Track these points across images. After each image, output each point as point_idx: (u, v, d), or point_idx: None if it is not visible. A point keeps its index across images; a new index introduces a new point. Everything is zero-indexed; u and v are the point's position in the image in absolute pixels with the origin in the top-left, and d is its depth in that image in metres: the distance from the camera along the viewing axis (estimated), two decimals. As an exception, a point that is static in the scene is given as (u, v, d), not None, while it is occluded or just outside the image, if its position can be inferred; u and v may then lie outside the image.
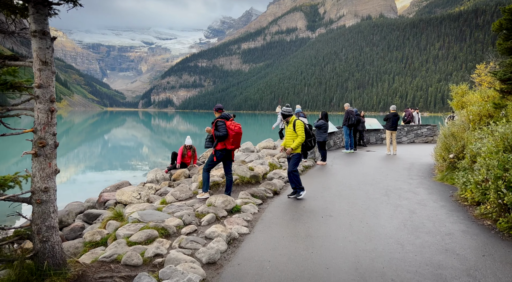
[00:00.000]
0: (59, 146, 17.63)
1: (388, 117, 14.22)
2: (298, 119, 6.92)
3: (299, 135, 6.70)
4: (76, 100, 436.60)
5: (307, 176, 9.37)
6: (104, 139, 35.33)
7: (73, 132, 44.58)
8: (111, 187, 8.48)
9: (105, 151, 25.51)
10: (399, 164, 11.30)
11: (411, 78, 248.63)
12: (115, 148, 28.17)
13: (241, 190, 7.71)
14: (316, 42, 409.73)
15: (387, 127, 14.27)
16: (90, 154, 23.60)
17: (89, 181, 14.74)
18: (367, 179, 8.88)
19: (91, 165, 19.54)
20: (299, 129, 6.69)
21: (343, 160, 12.50)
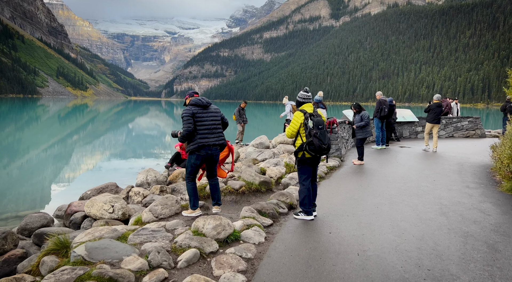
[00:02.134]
0: (85, 134, 15.63)
1: (431, 109, 12.23)
2: (317, 109, 5.10)
3: (287, 130, 5.00)
4: (101, 90, 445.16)
5: (332, 181, 7.55)
6: (128, 128, 35.32)
7: (98, 120, 44.94)
8: (91, 191, 6.95)
9: (129, 139, 25.38)
10: (445, 165, 9.28)
11: (439, 67, 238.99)
12: (139, 136, 27.85)
13: (247, 200, 5.98)
14: (340, 30, 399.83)
15: (429, 120, 12.26)
16: (115, 142, 23.60)
17: (114, 168, 14.13)
18: (409, 186, 6.97)
19: (115, 152, 19.06)
20: (292, 122, 4.95)
21: (374, 158, 10.56)
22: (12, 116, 43.76)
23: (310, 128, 4.77)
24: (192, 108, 4.86)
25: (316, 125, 4.78)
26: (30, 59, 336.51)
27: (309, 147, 4.76)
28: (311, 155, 4.82)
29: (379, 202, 5.85)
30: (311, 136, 4.75)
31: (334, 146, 10.03)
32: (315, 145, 4.70)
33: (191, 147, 4.74)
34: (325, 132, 4.84)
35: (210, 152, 4.86)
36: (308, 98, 5.09)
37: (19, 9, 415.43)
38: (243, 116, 13.82)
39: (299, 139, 4.94)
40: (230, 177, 6.66)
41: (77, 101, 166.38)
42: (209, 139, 4.85)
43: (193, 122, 4.72)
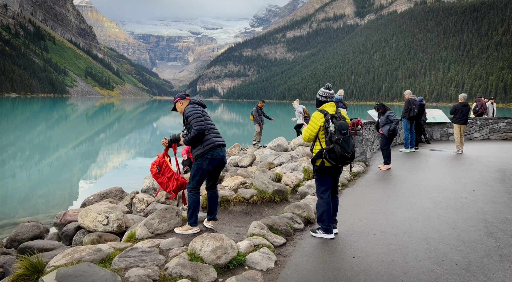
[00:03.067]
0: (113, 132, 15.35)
1: (457, 109, 11.52)
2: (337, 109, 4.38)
3: (303, 132, 4.27)
4: (127, 89, 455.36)
5: (356, 190, 6.77)
6: (153, 127, 35.73)
7: (124, 119, 45.95)
8: (94, 196, 6.47)
9: (154, 137, 25.58)
10: (484, 171, 8.30)
11: (469, 66, 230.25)
12: (164, 135, 28.06)
13: (259, 211, 5.31)
14: (364, 29, 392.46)
15: (455, 121, 11.51)
16: (140, 140, 23.82)
17: (139, 166, 13.95)
18: (445, 197, 6.10)
19: (137, 152, 19.16)
20: (310, 124, 4.22)
21: (403, 162, 9.66)
22: (43, 115, 45.26)
23: (331, 133, 4.04)
24: (198, 107, 4.29)
25: (339, 129, 4.04)
26: (60, 60, 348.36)
27: (329, 154, 4.03)
28: (331, 164, 4.10)
29: (411, 217, 5.05)
30: (332, 142, 4.01)
31: (358, 149, 9.21)
32: (337, 152, 3.97)
33: (206, 147, 4.10)
34: (350, 138, 4.10)
35: (222, 154, 4.26)
36: (330, 96, 4.36)
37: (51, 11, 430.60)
38: (261, 116, 13.16)
39: (317, 145, 4.22)
40: (242, 183, 6.02)
41: (104, 100, 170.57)
42: (220, 138, 4.30)
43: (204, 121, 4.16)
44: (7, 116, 40.84)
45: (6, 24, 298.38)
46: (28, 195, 9.57)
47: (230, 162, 9.74)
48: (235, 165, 9.60)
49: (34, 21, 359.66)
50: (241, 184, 6.04)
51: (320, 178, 4.25)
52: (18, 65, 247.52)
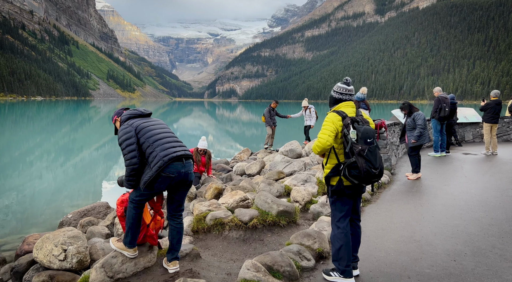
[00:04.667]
0: None
1: (488, 107, 10.52)
2: (357, 110, 3.30)
3: (318, 138, 3.14)
4: (148, 91, 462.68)
5: (381, 206, 5.64)
6: (173, 128, 35.92)
7: None
8: (74, 214, 5.56)
9: None
10: (533, 182, 7.01)
11: (495, 62, 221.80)
12: (183, 136, 28.03)
13: (260, 238, 4.28)
14: (385, 26, 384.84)
15: (486, 120, 10.63)
16: None
17: None
18: (496, 218, 4.91)
19: None
20: (324, 130, 3.13)
21: (434, 170, 8.42)
22: (68, 117, 46.13)
23: (352, 143, 2.99)
24: (130, 122, 3.23)
25: (363, 137, 2.98)
26: (83, 63, 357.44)
27: (350, 171, 2.99)
28: (352, 183, 3.05)
29: (456, 250, 3.91)
30: (354, 154, 2.97)
31: (382, 155, 8.05)
32: (361, 168, 2.92)
33: (155, 168, 3.02)
34: (376, 149, 3.04)
35: (184, 170, 3.19)
36: (348, 93, 3.28)
37: (74, 16, 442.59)
38: (273, 118, 12.11)
39: (332, 158, 3.17)
40: (242, 200, 5.01)
41: (126, 102, 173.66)
42: (176, 148, 3.19)
43: (137, 146, 3.11)
44: (33, 119, 41.71)
45: (32, 30, 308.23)
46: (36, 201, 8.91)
47: (236, 169, 8.75)
48: (242, 173, 8.60)
49: (58, 26, 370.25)
50: (242, 201, 5.03)
51: (338, 201, 3.20)
52: (44, 69, 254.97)
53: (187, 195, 6.09)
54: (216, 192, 5.94)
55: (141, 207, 3.22)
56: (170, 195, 3.32)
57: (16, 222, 7.35)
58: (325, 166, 3.24)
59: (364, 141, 2.97)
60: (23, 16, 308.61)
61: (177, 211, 3.35)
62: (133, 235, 3.24)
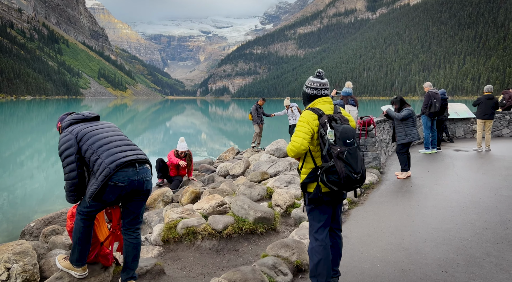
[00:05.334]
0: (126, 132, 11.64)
1: (480, 102, 10.31)
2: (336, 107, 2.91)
3: (292, 141, 2.74)
4: (139, 90, 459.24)
5: (368, 209, 5.30)
6: (166, 127, 35.72)
7: (137, 119, 45.96)
8: (37, 222, 5.10)
9: (167, 137, 25.49)
10: (527, 179, 6.74)
11: (485, 58, 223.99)
12: (176, 134, 27.87)
13: (235, 249, 3.91)
14: (376, 23, 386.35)
15: (478, 115, 10.42)
16: (154, 140, 23.72)
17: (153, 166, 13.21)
18: (490, 221, 4.60)
19: (153, 150, 18.86)
20: (298, 130, 2.74)
21: (425, 168, 8.13)
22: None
23: (330, 144, 2.62)
24: (70, 129, 2.83)
25: (342, 138, 2.61)
26: (74, 62, 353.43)
27: (328, 176, 2.61)
28: (331, 190, 2.69)
29: (448, 259, 3.57)
30: (333, 157, 2.60)
31: (371, 153, 7.72)
32: (340, 173, 2.55)
33: (101, 178, 2.64)
34: (357, 150, 2.67)
35: (138, 178, 2.79)
36: (323, 87, 2.89)
37: (64, 14, 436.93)
38: (260, 116, 11.74)
39: (308, 162, 2.80)
40: (219, 205, 4.63)
41: (117, 101, 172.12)
42: (126, 153, 2.80)
43: (78, 157, 2.72)
44: (23, 119, 40.89)
45: (21, 28, 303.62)
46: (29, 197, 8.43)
47: (220, 170, 8.36)
48: (226, 174, 8.21)
49: (48, 24, 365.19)
50: (218, 206, 4.65)
51: (315, 210, 2.82)
52: (33, 68, 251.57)
53: (162, 199, 5.70)
54: (193, 196, 5.55)
55: (90, 219, 2.82)
56: (124, 206, 2.91)
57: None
58: (300, 170, 2.87)
59: (343, 142, 2.60)
60: (11, 15, 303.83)
61: (132, 224, 2.94)
62: (81, 252, 2.84)
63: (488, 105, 10.21)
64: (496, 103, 10.28)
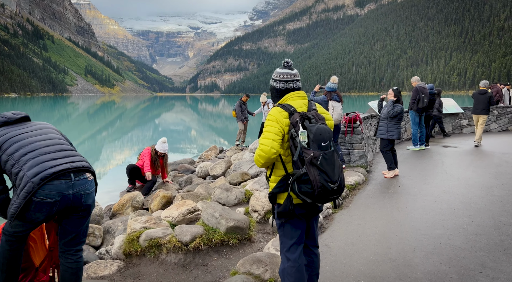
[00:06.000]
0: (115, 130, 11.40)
1: (473, 97, 10.59)
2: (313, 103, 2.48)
3: (260, 145, 2.29)
4: (127, 86, 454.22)
5: (353, 213, 4.93)
6: (155, 124, 35.24)
7: (126, 117, 45.28)
8: None
9: (156, 134, 25.08)
10: (519, 177, 6.46)
11: (471, 53, 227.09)
12: (165, 131, 27.50)
13: (203, 263, 3.48)
14: (365, 19, 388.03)
15: (472, 110, 10.63)
16: (143, 137, 23.46)
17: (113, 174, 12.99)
18: (482, 224, 4.27)
19: (143, 147, 18.42)
20: (266, 132, 2.29)
21: (413, 165, 7.82)
22: (45, 115, 44.61)
23: (302, 147, 2.20)
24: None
25: (317, 140, 2.18)
26: (59, 58, 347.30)
27: (300, 186, 2.18)
28: (304, 201, 2.27)
29: (439, 272, 3.21)
30: (306, 164, 2.19)
31: (357, 151, 7.36)
32: (314, 182, 2.12)
33: (23, 195, 2.17)
34: (334, 155, 2.25)
35: (73, 192, 2.32)
36: (294, 79, 2.45)
37: (48, 10, 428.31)
38: (245, 112, 11.30)
39: (279, 168, 2.38)
40: (190, 212, 4.21)
41: (105, 98, 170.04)
42: (56, 162, 2.32)
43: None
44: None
45: (4, 24, 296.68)
46: None
47: (199, 170, 7.91)
48: (206, 174, 7.76)
49: (32, 20, 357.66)
50: (189, 213, 4.22)
51: (286, 225, 2.40)
52: (17, 65, 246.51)
53: (131, 205, 5.24)
54: (164, 201, 5.10)
55: (19, 241, 2.36)
56: (60, 224, 2.45)
57: None
58: (269, 178, 2.46)
59: (317, 145, 2.17)
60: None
61: (71, 245, 2.47)
62: (9, 280, 2.38)
63: (480, 100, 10.27)
64: (489, 98, 10.26)
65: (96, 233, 4.39)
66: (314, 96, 7.18)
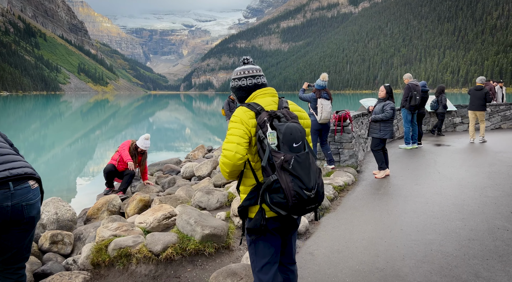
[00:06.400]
0: (108, 129, 11.47)
1: (469, 94, 10.61)
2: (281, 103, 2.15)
3: (223, 152, 1.98)
4: (121, 84, 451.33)
5: (341, 217, 4.68)
6: (149, 122, 34.98)
7: (119, 115, 44.87)
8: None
9: (150, 132, 25.02)
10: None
11: (464, 51, 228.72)
12: (160, 129, 27.29)
13: (176, 275, 3.22)
14: (359, 17, 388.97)
15: (468, 107, 10.58)
16: (136, 135, 23.74)
17: None
18: (475, 229, 4.04)
19: None
20: (230, 135, 1.97)
21: (405, 165, 7.60)
22: (37, 113, 44.16)
23: (271, 150, 1.90)
24: None
25: (287, 141, 1.88)
26: (52, 56, 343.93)
27: (271, 196, 1.88)
28: (278, 214, 1.97)
29: (429, 281, 2.98)
30: (276, 169, 1.88)
31: (347, 151, 7.12)
32: (287, 190, 1.83)
33: None
34: (309, 157, 1.93)
35: (11, 203, 2.03)
36: (259, 74, 2.19)
37: (40, 7, 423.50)
38: (234, 111, 11.01)
39: (248, 176, 2.09)
40: (166, 218, 3.93)
41: (98, 96, 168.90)
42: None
43: None
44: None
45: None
46: None
47: (184, 171, 7.61)
48: (191, 175, 7.46)
49: (24, 17, 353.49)
50: (165, 219, 3.94)
51: (258, 243, 2.09)
52: (9, 63, 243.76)
53: (107, 209, 4.95)
54: (141, 205, 4.81)
55: None
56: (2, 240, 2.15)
57: None
58: (239, 189, 2.15)
59: (288, 147, 1.87)
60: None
61: (11, 263, 2.17)
62: None
63: (476, 96, 10.24)
64: (486, 94, 10.20)
65: (65, 240, 4.09)
66: (303, 94, 6.92)
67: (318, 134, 6.68)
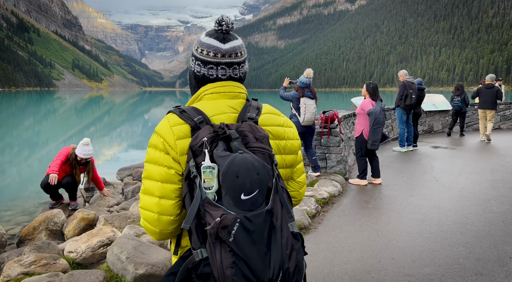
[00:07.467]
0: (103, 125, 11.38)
1: (479, 92, 10.20)
2: None
3: (140, 200, 1.07)
4: (116, 81, 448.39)
5: (321, 238, 3.92)
6: (145, 119, 34.36)
7: (114, 112, 43.90)
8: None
9: (146, 130, 24.23)
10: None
11: (460, 49, 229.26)
12: (154, 127, 27.08)
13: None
14: (355, 14, 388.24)
15: (479, 106, 10.26)
16: (132, 133, 22.78)
17: (132, 159, 12.42)
18: (481, 256, 3.31)
19: (133, 143, 18.22)
20: (146, 168, 1.06)
21: (398, 171, 6.85)
22: (30, 110, 43.30)
23: (205, 200, 0.91)
24: None
25: (230, 187, 0.90)
26: (46, 52, 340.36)
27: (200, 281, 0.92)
28: None
29: None
30: (208, 239, 0.89)
31: (334, 155, 6.36)
32: (221, 279, 0.87)
33: None
34: (268, 221, 0.91)
35: None
36: (222, 61, 1.15)
37: (34, 2, 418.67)
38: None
39: (184, 239, 1.09)
40: (104, 245, 3.16)
41: (93, 93, 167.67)
42: None
43: None
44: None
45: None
46: None
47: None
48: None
49: (17, 12, 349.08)
50: (102, 247, 3.17)
51: None
52: (2, 58, 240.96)
53: (46, 227, 4.17)
54: (84, 225, 4.01)
55: None
56: None
57: None
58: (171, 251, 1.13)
59: (233, 199, 0.90)
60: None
61: None
62: None
63: (488, 94, 9.90)
64: (497, 92, 9.87)
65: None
66: (284, 92, 6.14)
67: (301, 138, 5.92)
